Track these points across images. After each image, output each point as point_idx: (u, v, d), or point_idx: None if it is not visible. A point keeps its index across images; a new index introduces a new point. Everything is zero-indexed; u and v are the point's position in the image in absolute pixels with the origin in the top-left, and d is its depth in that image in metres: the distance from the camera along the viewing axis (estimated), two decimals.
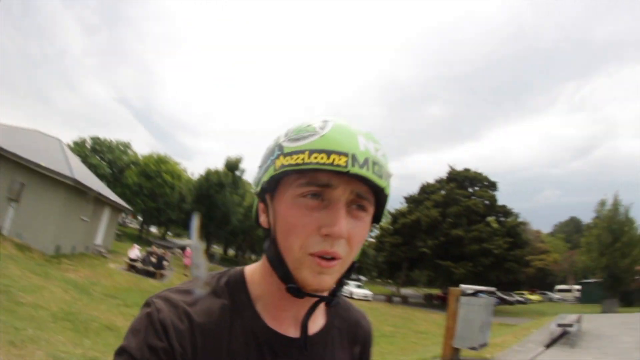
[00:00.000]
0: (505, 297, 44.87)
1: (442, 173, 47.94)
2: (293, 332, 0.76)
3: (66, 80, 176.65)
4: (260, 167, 0.74)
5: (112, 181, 47.63)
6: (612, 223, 33.19)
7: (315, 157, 0.63)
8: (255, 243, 54.31)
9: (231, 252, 74.77)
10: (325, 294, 0.72)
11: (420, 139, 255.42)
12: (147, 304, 0.71)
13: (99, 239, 23.11)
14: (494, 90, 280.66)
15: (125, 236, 40.43)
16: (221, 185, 35.22)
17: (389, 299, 39.77)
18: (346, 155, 0.63)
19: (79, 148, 49.00)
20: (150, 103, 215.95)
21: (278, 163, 0.67)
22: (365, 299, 34.20)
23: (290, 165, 0.65)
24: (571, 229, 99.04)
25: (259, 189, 0.73)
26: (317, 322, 0.82)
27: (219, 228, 36.42)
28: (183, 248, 32.55)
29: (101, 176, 42.11)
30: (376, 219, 0.73)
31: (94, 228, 21.93)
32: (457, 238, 40.96)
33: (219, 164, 53.09)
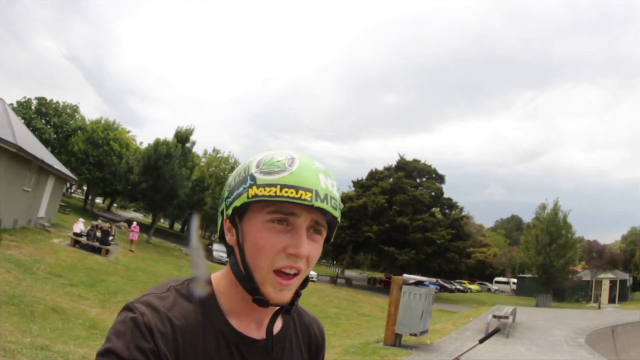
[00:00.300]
0: (446, 284, 46.96)
1: (392, 161, 48.94)
2: (256, 334, 0.88)
3: (13, 31, 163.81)
4: (230, 191, 0.85)
5: (57, 147, 45.33)
6: (550, 225, 35.17)
7: (286, 192, 0.77)
8: (202, 218, 53.63)
9: (177, 226, 73.54)
10: None
11: (373, 125, 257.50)
12: (130, 309, 0.78)
13: (42, 212, 22.08)
14: (451, 87, 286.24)
15: (70, 207, 38.90)
16: (170, 157, 34.11)
17: (333, 281, 40.64)
18: (311, 191, 0.78)
19: (23, 109, 45.93)
20: (104, 64, 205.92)
21: (251, 192, 0.79)
22: (310, 279, 34.65)
23: (263, 196, 0.78)
24: (512, 226, 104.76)
25: (229, 211, 0.84)
26: (276, 325, 0.93)
27: (166, 202, 35.50)
28: (129, 222, 31.40)
29: (46, 141, 39.84)
30: (327, 239, 0.89)
31: (37, 199, 20.93)
32: (402, 225, 42.10)
33: (169, 134, 51.57)
